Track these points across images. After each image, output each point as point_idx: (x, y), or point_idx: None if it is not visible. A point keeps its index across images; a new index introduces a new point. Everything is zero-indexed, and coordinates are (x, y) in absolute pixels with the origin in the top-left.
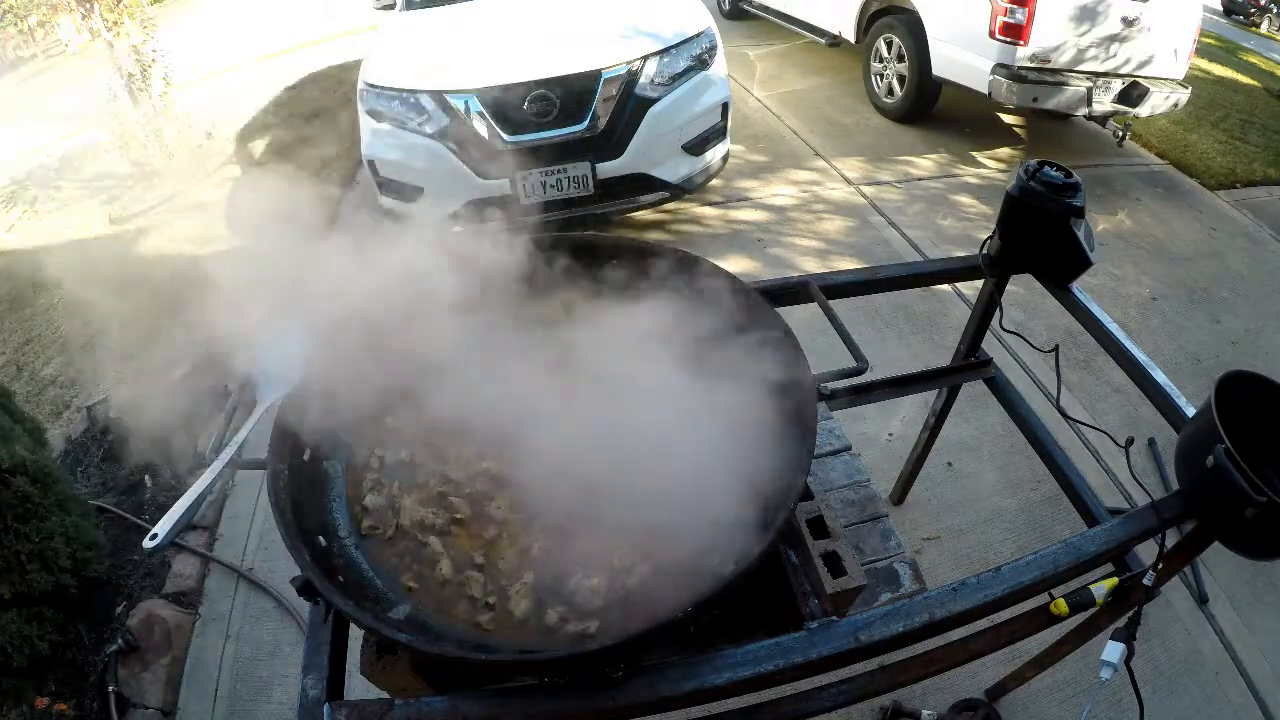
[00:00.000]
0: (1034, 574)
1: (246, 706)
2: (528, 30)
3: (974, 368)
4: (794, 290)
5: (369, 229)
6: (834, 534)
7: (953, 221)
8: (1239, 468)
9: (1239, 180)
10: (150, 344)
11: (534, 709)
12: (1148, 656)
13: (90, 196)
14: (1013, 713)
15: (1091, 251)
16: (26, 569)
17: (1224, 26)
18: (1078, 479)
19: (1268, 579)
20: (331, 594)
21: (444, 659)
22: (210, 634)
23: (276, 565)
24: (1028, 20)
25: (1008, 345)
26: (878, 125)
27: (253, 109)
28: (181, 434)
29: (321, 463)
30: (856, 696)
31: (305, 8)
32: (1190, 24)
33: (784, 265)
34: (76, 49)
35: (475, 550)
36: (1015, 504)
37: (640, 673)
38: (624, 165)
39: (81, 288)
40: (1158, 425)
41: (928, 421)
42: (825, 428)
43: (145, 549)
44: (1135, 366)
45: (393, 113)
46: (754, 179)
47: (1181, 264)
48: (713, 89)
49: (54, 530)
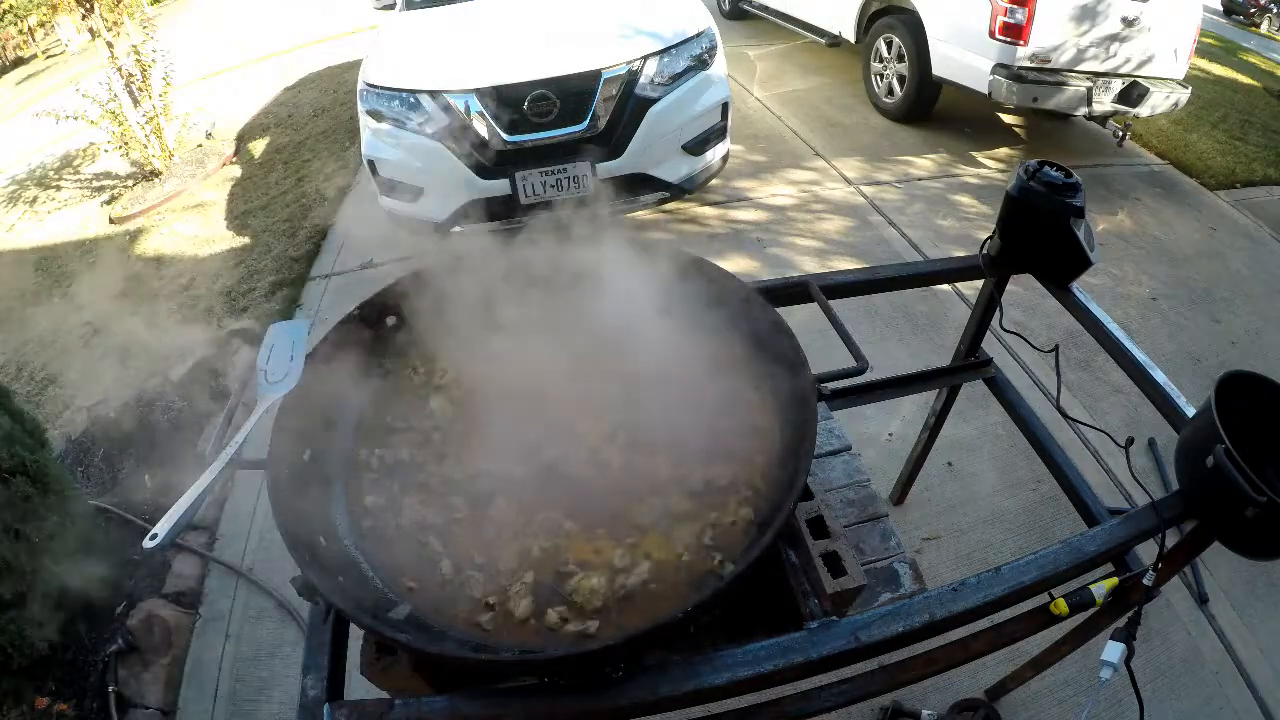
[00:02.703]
0: (1034, 574)
1: (246, 706)
2: (528, 30)
3: (974, 368)
4: (794, 290)
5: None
6: (834, 534)
7: (952, 221)
8: (1239, 468)
9: (1239, 180)
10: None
11: (534, 709)
12: (1148, 656)
13: (90, 196)
14: (1013, 713)
15: (1091, 251)
16: (26, 569)
17: (1224, 26)
18: (1078, 479)
19: (1268, 579)
20: (331, 594)
21: (444, 659)
22: (210, 634)
23: (276, 565)
24: (1028, 20)
25: (1008, 345)
26: (877, 125)
27: (253, 109)
28: (181, 434)
29: (321, 463)
30: (856, 696)
31: (305, 8)
32: (1190, 24)
33: (784, 265)
34: (76, 49)
35: (475, 550)
36: (1015, 504)
37: (640, 673)
38: (624, 165)
39: (81, 287)
40: (1158, 425)
41: (928, 421)
42: (825, 428)
43: (145, 549)
44: (1135, 366)
45: (393, 113)
46: (754, 179)
47: (1181, 264)
48: (713, 89)
49: (54, 530)
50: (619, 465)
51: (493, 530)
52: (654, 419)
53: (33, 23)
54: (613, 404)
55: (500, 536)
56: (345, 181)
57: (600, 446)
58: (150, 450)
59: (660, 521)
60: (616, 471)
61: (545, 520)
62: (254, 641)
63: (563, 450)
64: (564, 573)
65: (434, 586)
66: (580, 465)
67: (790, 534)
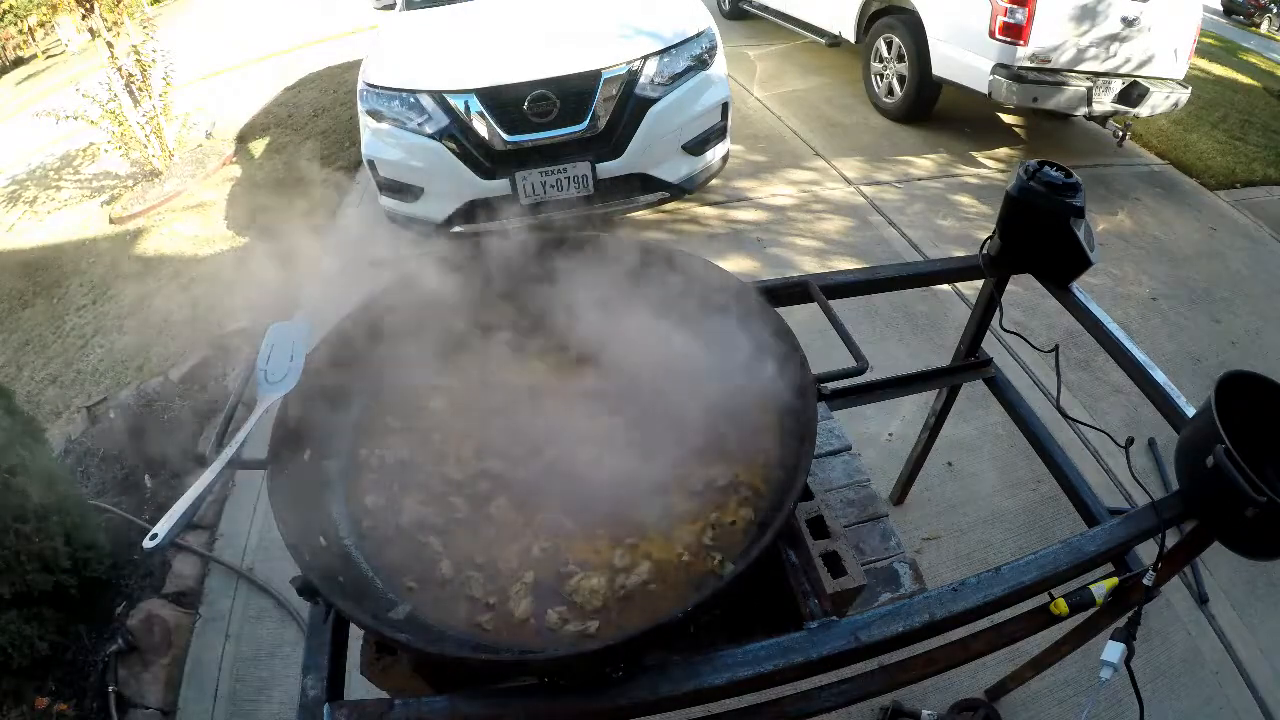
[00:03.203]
0: (1034, 574)
1: (246, 706)
2: (528, 30)
3: (974, 368)
4: (794, 290)
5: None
6: (834, 534)
7: (952, 221)
8: (1239, 468)
9: (1239, 180)
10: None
11: (534, 709)
12: (1148, 656)
13: (90, 196)
14: (1013, 713)
15: (1091, 251)
16: (26, 569)
17: (1224, 26)
18: (1078, 479)
19: (1268, 579)
20: (331, 594)
21: (444, 659)
22: (210, 634)
23: (276, 565)
24: (1028, 20)
25: (1008, 345)
26: (877, 125)
27: (253, 109)
28: (181, 433)
29: (321, 463)
30: (856, 696)
31: (305, 8)
32: (1190, 24)
33: (784, 265)
34: (76, 49)
35: (475, 550)
36: (1015, 504)
37: (640, 673)
38: (624, 165)
39: (82, 287)
40: (1158, 425)
41: (928, 421)
42: (825, 428)
43: (145, 549)
44: (1135, 366)
45: (393, 113)
46: (754, 179)
47: (1181, 264)
48: (713, 89)
49: (54, 530)
50: (619, 465)
51: (493, 530)
52: (654, 419)
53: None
54: (613, 404)
55: (500, 536)
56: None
57: (600, 446)
58: (150, 450)
59: (660, 521)
60: (617, 471)
61: (545, 520)
62: (254, 641)
63: (563, 450)
64: (564, 573)
65: (434, 586)
66: (580, 465)
67: (790, 534)
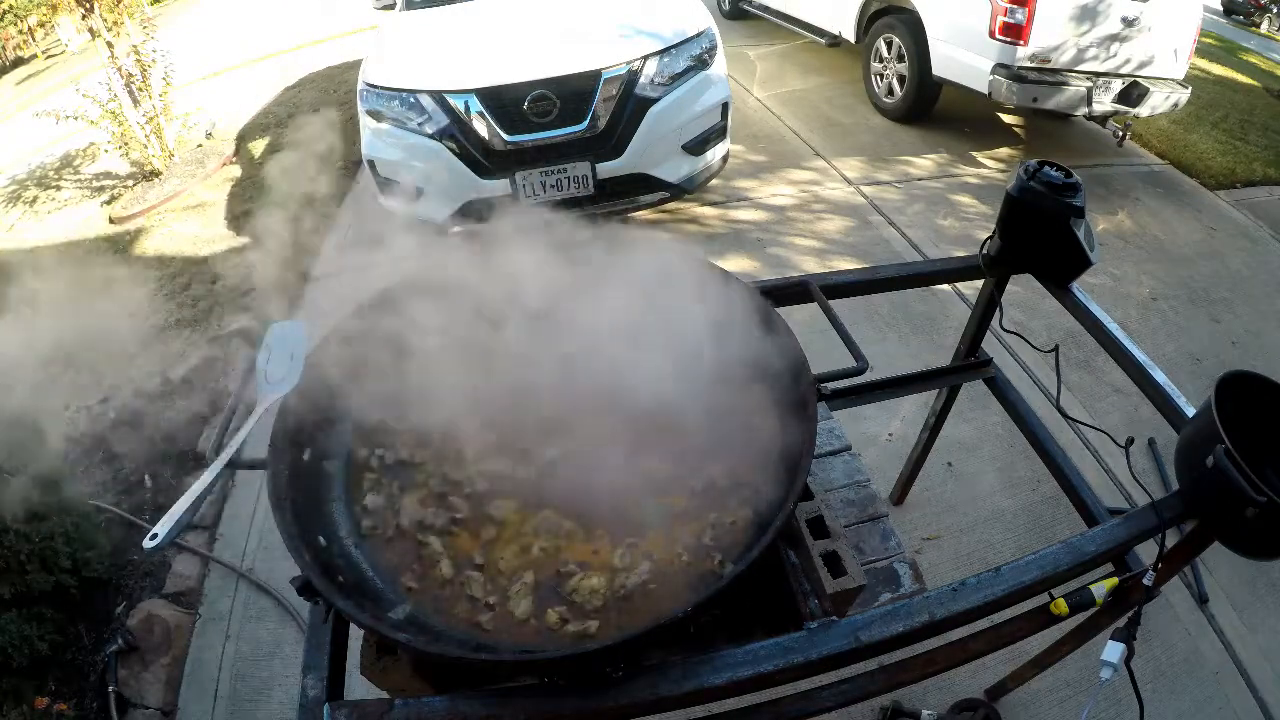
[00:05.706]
0: (1034, 574)
1: (246, 706)
2: (528, 30)
3: (974, 368)
4: (794, 290)
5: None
6: (834, 534)
7: (952, 221)
8: (1239, 468)
9: (1239, 180)
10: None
11: (534, 709)
12: (1148, 656)
13: (90, 196)
14: (1013, 713)
15: (1091, 251)
16: (26, 569)
17: (1224, 26)
18: (1078, 479)
19: (1268, 579)
20: (331, 594)
21: (444, 659)
22: (210, 634)
23: (276, 565)
24: (1028, 20)
25: (1008, 345)
26: (877, 125)
27: (253, 109)
28: (181, 433)
29: (321, 463)
30: (856, 696)
31: (305, 8)
32: (1190, 24)
33: (784, 265)
34: (77, 49)
35: (475, 550)
36: (1015, 504)
37: (640, 673)
38: (624, 165)
39: (82, 287)
40: (1158, 425)
41: (928, 421)
42: (825, 428)
43: (145, 549)
44: (1135, 366)
45: (393, 113)
46: (754, 179)
47: (1181, 264)
48: (713, 89)
49: (54, 530)
50: (619, 465)
51: (493, 530)
52: (654, 419)
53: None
54: (613, 404)
55: (500, 536)
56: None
57: (600, 446)
58: (150, 450)
59: (660, 521)
60: (616, 471)
61: (545, 520)
62: (254, 641)
63: (562, 450)
64: (564, 573)
65: (434, 586)
66: (580, 465)
67: (790, 534)
